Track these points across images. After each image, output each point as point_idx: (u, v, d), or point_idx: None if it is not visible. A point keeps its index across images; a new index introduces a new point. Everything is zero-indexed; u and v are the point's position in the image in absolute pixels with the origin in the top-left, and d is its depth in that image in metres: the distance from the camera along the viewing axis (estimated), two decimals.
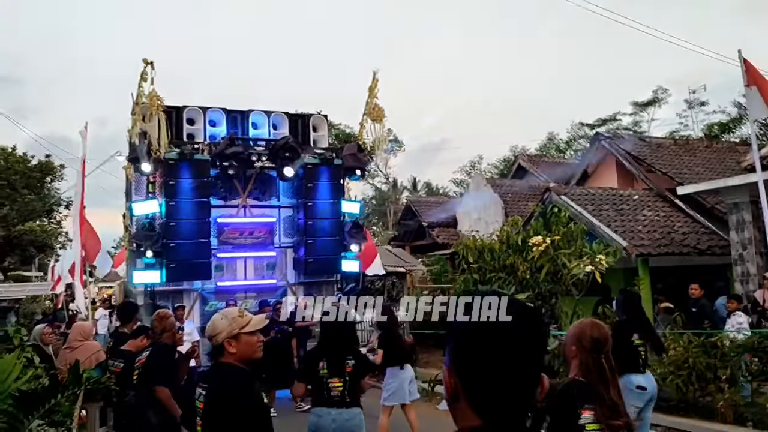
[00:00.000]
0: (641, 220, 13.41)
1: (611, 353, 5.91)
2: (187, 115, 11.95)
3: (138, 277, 11.08)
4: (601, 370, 3.09)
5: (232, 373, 3.09)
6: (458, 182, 42.51)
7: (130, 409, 5.22)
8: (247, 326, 3.14)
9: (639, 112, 35.42)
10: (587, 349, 3.13)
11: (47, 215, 26.23)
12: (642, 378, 5.78)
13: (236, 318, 3.16)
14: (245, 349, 3.12)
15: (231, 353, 3.11)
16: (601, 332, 3.20)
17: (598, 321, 3.38)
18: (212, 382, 3.16)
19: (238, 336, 3.11)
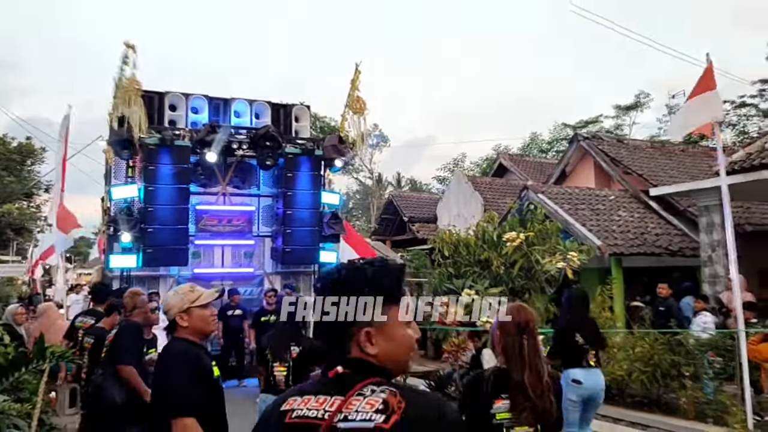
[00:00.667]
0: (616, 220, 13.61)
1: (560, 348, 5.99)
2: (169, 101, 11.93)
3: (114, 262, 11.06)
4: (520, 349, 3.07)
5: (179, 346, 3.17)
6: (441, 179, 42.69)
7: (96, 388, 5.18)
8: (197, 300, 3.22)
9: (621, 116, 35.81)
10: (509, 332, 3.13)
11: (26, 198, 25.95)
12: (580, 372, 5.84)
13: (187, 293, 3.24)
14: (197, 323, 3.20)
15: (183, 327, 3.18)
16: (523, 315, 3.19)
17: (522, 304, 3.39)
18: (161, 355, 3.30)
19: (189, 310, 3.19)
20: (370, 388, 1.43)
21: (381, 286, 1.52)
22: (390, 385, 1.44)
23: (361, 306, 1.51)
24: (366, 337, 1.50)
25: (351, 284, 1.54)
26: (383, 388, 1.43)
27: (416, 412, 1.38)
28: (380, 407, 1.38)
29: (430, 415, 1.39)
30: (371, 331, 1.50)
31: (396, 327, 1.52)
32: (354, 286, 1.53)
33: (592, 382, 5.85)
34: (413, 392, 1.46)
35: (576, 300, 6.32)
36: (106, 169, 12.40)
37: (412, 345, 1.56)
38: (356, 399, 1.41)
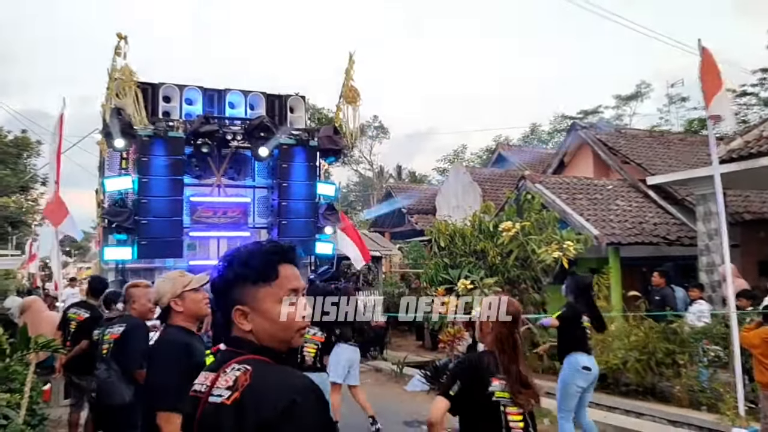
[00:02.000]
0: (614, 209, 13.56)
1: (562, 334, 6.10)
2: (163, 93, 11.85)
3: (109, 254, 11.02)
4: (514, 342, 3.22)
5: (171, 335, 3.14)
6: (441, 170, 42.59)
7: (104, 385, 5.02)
8: (189, 284, 3.22)
9: (621, 106, 35.66)
10: (502, 324, 3.25)
11: (23, 192, 25.88)
12: (587, 359, 5.95)
13: (177, 278, 3.25)
14: (191, 306, 3.20)
15: (178, 312, 3.18)
16: (515, 307, 3.34)
17: (511, 298, 3.51)
18: (158, 341, 3.28)
19: (183, 295, 3.19)
20: (234, 366, 1.54)
21: (250, 267, 1.63)
22: (254, 364, 1.53)
23: (239, 287, 1.63)
24: (238, 315, 1.61)
25: (227, 268, 1.66)
26: (242, 366, 1.52)
27: (257, 391, 1.46)
28: (230, 384, 1.50)
29: (270, 397, 1.45)
30: (244, 309, 1.61)
31: (269, 305, 1.61)
32: (229, 269, 1.65)
33: (595, 368, 6.03)
34: (271, 373, 1.53)
35: (580, 285, 6.42)
36: (99, 160, 12.35)
37: (291, 322, 1.62)
38: (224, 376, 1.53)
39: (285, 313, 1.61)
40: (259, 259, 1.64)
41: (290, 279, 1.65)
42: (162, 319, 3.30)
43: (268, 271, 1.63)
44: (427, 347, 14.35)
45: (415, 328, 15.73)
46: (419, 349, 14.77)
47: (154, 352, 3.21)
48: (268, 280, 1.62)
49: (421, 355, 13.46)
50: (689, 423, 7.50)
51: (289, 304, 1.63)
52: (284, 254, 1.69)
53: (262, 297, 1.61)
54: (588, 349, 6.07)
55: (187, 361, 2.96)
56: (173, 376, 2.90)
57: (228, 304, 1.63)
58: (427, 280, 11.71)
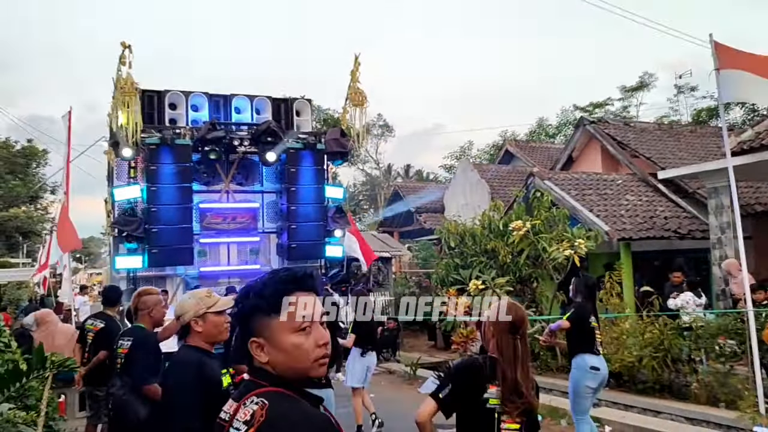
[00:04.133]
0: (624, 204, 13.45)
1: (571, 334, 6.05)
2: (168, 100, 11.88)
3: (120, 263, 11.06)
4: (514, 349, 3.09)
5: (190, 353, 3.10)
6: (448, 168, 42.42)
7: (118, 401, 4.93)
8: (214, 306, 3.16)
9: (627, 98, 35.42)
10: (502, 329, 3.14)
11: (32, 201, 26.03)
12: (596, 359, 5.93)
13: (203, 297, 3.18)
14: (211, 329, 3.14)
15: (197, 332, 3.12)
16: (518, 313, 3.21)
17: (516, 302, 3.39)
18: (172, 361, 3.20)
19: (205, 315, 3.12)
20: (252, 398, 1.53)
21: (262, 297, 1.61)
22: (272, 398, 1.52)
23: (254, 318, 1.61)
24: (255, 347, 1.59)
25: (244, 299, 1.66)
26: (260, 400, 1.51)
27: (273, 427, 1.46)
28: (248, 419, 1.50)
29: None
30: (259, 341, 1.59)
31: (282, 336, 1.58)
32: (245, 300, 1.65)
33: (604, 368, 5.98)
34: (287, 410, 1.52)
35: (587, 286, 6.35)
36: (108, 170, 12.39)
37: (305, 352, 1.59)
38: (243, 408, 1.53)
39: (299, 344, 1.58)
40: (271, 290, 1.62)
41: (302, 308, 1.61)
42: (180, 336, 3.24)
43: (279, 302, 1.60)
44: (440, 348, 14.30)
45: (427, 329, 15.69)
46: (432, 349, 14.73)
47: (169, 373, 3.17)
48: (278, 310, 1.59)
49: (434, 355, 13.42)
50: (708, 420, 7.42)
51: (303, 334, 1.59)
52: (297, 283, 1.65)
53: (275, 328, 1.58)
54: (596, 349, 6.01)
55: (201, 382, 2.93)
56: (188, 396, 2.87)
57: (245, 335, 1.61)
58: (438, 281, 11.67)
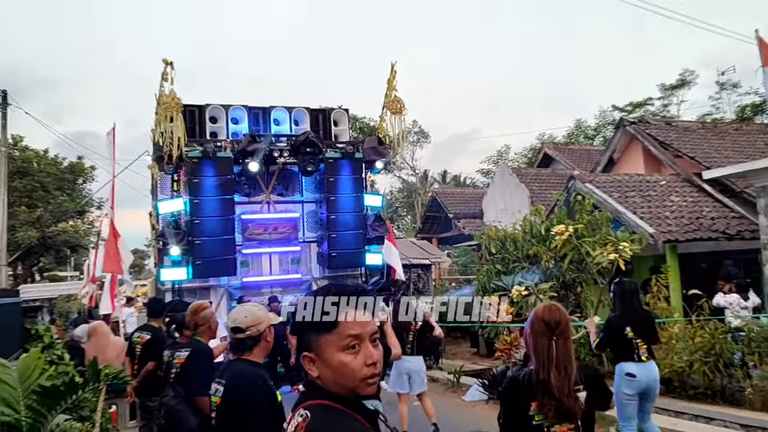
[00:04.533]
0: (669, 206, 13.16)
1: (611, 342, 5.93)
2: (209, 114, 12.10)
3: (165, 275, 11.28)
4: (549, 351, 2.98)
5: (255, 372, 3.08)
6: (485, 172, 42.19)
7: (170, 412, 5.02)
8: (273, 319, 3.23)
9: (668, 96, 34.69)
10: (538, 332, 3.05)
11: (79, 216, 26.79)
12: (634, 366, 5.83)
13: (264, 309, 3.24)
14: (272, 341, 3.20)
15: (267, 342, 3.15)
16: (553, 315, 3.07)
17: (554, 304, 3.24)
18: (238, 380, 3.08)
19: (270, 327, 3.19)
20: (300, 411, 1.59)
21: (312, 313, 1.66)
22: (316, 411, 1.57)
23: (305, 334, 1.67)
24: (306, 361, 1.64)
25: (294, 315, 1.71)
26: (305, 413, 1.57)
27: None
28: (292, 430, 1.55)
29: None
30: (311, 356, 1.63)
31: (330, 353, 1.60)
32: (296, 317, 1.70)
33: (645, 375, 5.85)
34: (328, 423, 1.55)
35: (625, 293, 6.17)
36: (152, 184, 12.65)
37: (351, 371, 1.60)
38: (293, 420, 1.59)
39: (347, 362, 1.59)
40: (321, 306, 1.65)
41: (351, 326, 1.62)
42: (238, 350, 3.17)
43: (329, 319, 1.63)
44: (483, 355, 14.19)
45: (469, 336, 15.58)
46: (474, 356, 14.61)
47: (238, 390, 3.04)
48: (328, 328, 1.62)
49: (477, 363, 13.32)
50: (763, 427, 7.19)
51: (352, 353, 1.61)
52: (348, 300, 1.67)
53: (324, 345, 1.61)
54: (635, 357, 5.88)
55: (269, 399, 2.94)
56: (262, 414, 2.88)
57: (299, 349, 1.68)
58: (480, 287, 11.59)
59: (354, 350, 1.61)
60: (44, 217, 23.40)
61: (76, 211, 25.98)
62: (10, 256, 20.69)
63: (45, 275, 29.09)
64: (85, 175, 26.42)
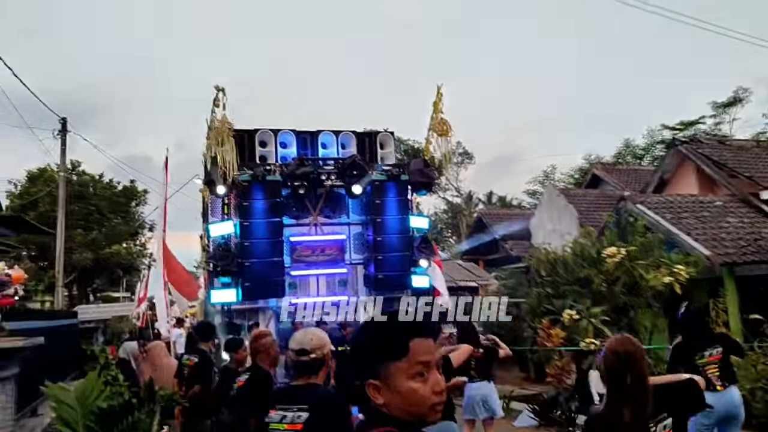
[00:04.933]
0: (725, 227, 12.76)
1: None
2: (259, 138, 12.32)
3: (215, 297, 11.44)
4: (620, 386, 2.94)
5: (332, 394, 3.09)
6: (532, 193, 41.72)
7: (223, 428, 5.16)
8: None
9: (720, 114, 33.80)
10: (610, 365, 3.02)
11: (132, 238, 27.55)
12: (710, 396, 5.58)
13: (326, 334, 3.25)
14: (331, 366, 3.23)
15: (329, 366, 3.14)
16: (626, 347, 3.03)
17: (627, 336, 3.20)
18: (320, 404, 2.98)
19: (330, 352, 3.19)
20: None
21: (382, 342, 1.66)
22: None
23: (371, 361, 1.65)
24: (371, 389, 1.63)
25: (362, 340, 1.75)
26: None
27: None
28: None
29: None
30: (376, 384, 1.62)
31: (399, 381, 1.60)
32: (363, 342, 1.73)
33: (723, 404, 5.64)
34: None
35: (690, 320, 6.00)
36: (203, 207, 12.91)
37: (421, 398, 1.60)
38: None
39: (416, 390, 1.60)
40: (391, 335, 1.67)
41: (421, 354, 1.63)
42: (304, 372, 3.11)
43: (398, 347, 1.62)
44: (532, 379, 13.92)
45: (518, 360, 15.30)
46: (524, 381, 14.35)
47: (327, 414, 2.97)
48: (399, 356, 1.62)
49: (527, 387, 13.07)
50: None
51: (421, 380, 1.61)
52: (417, 329, 1.68)
53: (393, 373, 1.61)
54: (711, 387, 5.63)
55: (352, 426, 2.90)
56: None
57: (363, 376, 1.66)
58: (530, 311, 11.41)
59: (423, 378, 1.61)
60: (99, 239, 24.13)
61: (129, 234, 26.73)
62: (66, 277, 21.37)
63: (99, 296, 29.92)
64: (137, 198, 27.21)
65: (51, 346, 6.56)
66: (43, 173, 24.15)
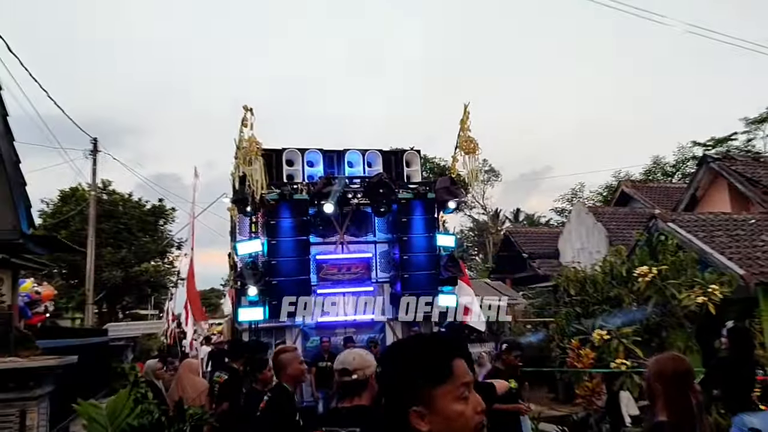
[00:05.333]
0: (760, 245, 12.48)
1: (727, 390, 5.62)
2: (286, 157, 12.40)
3: (243, 315, 11.47)
4: (689, 405, 2.87)
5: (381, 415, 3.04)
6: (559, 211, 41.39)
7: None
8: None
9: (753, 130, 33.23)
10: (672, 384, 2.91)
11: (161, 256, 27.87)
12: (755, 419, 5.45)
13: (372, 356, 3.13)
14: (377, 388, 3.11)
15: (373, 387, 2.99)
16: (684, 365, 2.99)
17: (678, 354, 3.18)
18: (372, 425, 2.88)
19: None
20: None
21: (424, 366, 1.59)
22: None
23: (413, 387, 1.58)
24: (415, 417, 1.55)
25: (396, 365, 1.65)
26: None
27: None
28: None
29: None
30: (420, 410, 1.55)
31: (446, 404, 1.55)
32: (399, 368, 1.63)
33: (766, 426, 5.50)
34: None
35: (740, 337, 5.90)
36: (231, 225, 13.02)
37: (466, 421, 1.56)
38: None
39: (461, 411, 1.56)
40: (433, 358, 1.61)
41: (463, 374, 1.60)
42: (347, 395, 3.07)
43: (442, 370, 1.59)
44: (561, 401, 13.68)
45: (546, 380, 15.07)
46: (552, 402, 14.11)
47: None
48: (443, 380, 1.57)
49: (556, 408, 12.85)
50: None
51: (464, 402, 1.58)
52: (456, 349, 1.66)
53: (439, 396, 1.56)
54: (754, 407, 5.57)
55: None
56: None
57: (400, 404, 1.58)
58: (559, 331, 11.23)
59: (466, 399, 1.59)
60: (128, 257, 24.45)
61: (158, 252, 27.05)
62: (96, 294, 21.67)
63: (128, 313, 30.26)
64: (165, 216, 27.56)
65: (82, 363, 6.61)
66: (75, 192, 24.59)
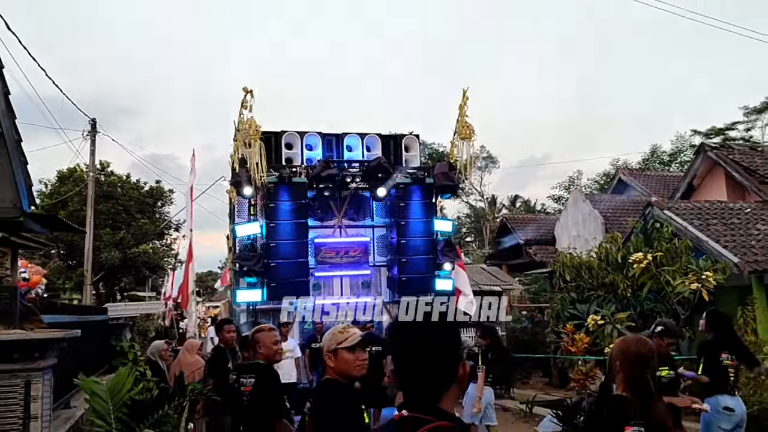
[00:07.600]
0: (754, 234, 12.58)
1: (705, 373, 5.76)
2: (285, 140, 12.43)
3: (241, 296, 11.56)
4: (647, 385, 3.00)
5: (330, 388, 3.18)
6: (557, 198, 41.47)
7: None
8: (344, 342, 3.20)
9: (752, 120, 33.25)
10: (633, 364, 3.04)
11: (159, 238, 27.87)
12: (731, 399, 5.62)
13: (336, 334, 3.25)
14: (342, 366, 3.18)
15: (330, 367, 3.20)
16: (647, 348, 3.13)
17: (642, 337, 3.31)
18: (315, 397, 3.26)
19: (337, 351, 3.18)
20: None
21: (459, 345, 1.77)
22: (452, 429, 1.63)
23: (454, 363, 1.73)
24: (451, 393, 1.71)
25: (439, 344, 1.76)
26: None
27: None
28: None
29: None
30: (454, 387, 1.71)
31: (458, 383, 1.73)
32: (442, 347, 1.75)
33: (741, 408, 5.72)
34: None
35: (719, 319, 6.09)
36: (229, 208, 13.06)
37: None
38: None
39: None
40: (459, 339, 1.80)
41: None
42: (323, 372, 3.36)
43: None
44: (555, 385, 13.82)
45: (540, 365, 15.22)
46: (546, 386, 14.26)
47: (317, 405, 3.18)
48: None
49: (550, 393, 12.99)
50: None
51: None
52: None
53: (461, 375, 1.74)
54: (731, 389, 5.76)
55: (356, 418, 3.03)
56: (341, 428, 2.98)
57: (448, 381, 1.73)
58: (554, 316, 11.35)
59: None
60: (126, 238, 24.45)
61: (156, 234, 27.05)
62: (94, 275, 21.72)
63: (125, 295, 30.32)
64: (163, 198, 27.52)
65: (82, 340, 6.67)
66: (73, 173, 24.53)
